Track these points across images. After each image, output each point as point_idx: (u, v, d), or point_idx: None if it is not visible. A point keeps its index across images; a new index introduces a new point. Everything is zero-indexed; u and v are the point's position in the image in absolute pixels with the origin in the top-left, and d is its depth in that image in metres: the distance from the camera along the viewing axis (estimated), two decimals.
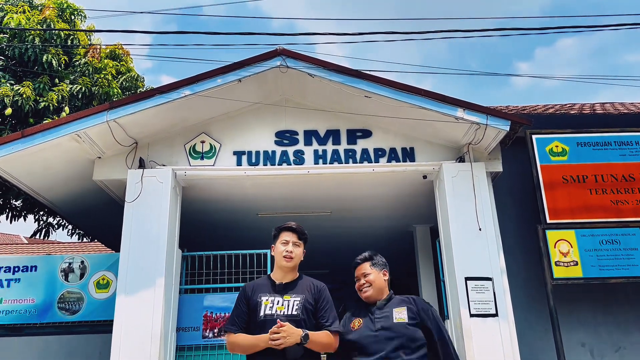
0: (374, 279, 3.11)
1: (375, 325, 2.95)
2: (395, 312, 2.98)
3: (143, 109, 5.53)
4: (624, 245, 5.72)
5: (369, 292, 3.09)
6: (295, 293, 2.99)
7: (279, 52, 5.64)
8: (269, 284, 3.05)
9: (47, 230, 10.68)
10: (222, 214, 7.53)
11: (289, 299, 2.95)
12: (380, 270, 3.17)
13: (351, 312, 3.16)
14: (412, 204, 7.27)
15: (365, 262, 3.20)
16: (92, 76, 9.68)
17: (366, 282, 3.11)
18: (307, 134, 6.21)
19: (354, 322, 3.05)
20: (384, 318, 2.97)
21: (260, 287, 3.04)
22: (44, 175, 6.06)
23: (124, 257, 5.43)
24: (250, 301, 2.98)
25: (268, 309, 2.92)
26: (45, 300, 6.46)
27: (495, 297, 5.34)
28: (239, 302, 3.02)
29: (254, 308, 2.95)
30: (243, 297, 3.03)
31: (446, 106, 5.57)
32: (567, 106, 8.23)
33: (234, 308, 3.04)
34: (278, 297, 2.96)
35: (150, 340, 5.12)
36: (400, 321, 2.92)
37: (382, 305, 3.05)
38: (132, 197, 5.66)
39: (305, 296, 2.99)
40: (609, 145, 6.15)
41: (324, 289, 3.11)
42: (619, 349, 6.10)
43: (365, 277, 3.13)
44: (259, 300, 2.95)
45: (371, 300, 3.09)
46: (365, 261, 3.21)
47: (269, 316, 2.90)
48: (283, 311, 2.91)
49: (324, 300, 3.03)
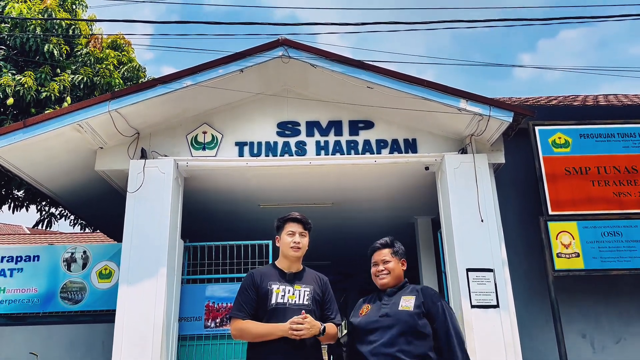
0: (394, 267, 3.00)
1: (381, 311, 2.88)
2: (403, 299, 2.89)
3: (145, 99, 5.52)
4: (626, 237, 5.72)
5: (386, 279, 2.98)
6: (305, 283, 3.00)
7: (281, 42, 5.62)
8: (277, 273, 3.03)
9: (49, 221, 10.69)
10: (224, 204, 7.54)
11: (299, 288, 2.95)
12: (400, 260, 3.06)
13: (364, 299, 3.08)
14: (414, 195, 7.27)
15: (387, 248, 3.06)
16: (93, 66, 9.65)
17: (385, 270, 2.99)
18: (309, 125, 6.19)
19: (362, 309, 3.00)
20: (390, 305, 2.89)
21: (269, 275, 3.01)
22: (46, 165, 6.07)
23: (126, 247, 5.45)
24: (260, 288, 2.94)
25: (280, 297, 2.90)
26: (48, 290, 6.49)
27: (497, 288, 5.35)
28: (247, 289, 2.97)
29: (264, 295, 2.91)
30: (251, 284, 2.97)
31: (449, 97, 5.55)
32: (570, 98, 8.19)
33: (241, 294, 2.98)
34: (289, 286, 2.95)
35: (152, 329, 5.15)
36: (405, 309, 2.82)
37: (392, 292, 2.96)
38: (134, 187, 5.66)
39: (314, 287, 3.00)
40: (612, 137, 6.13)
41: (328, 282, 3.13)
42: (620, 340, 6.12)
43: (385, 264, 3.00)
44: (270, 288, 2.92)
45: (386, 287, 2.99)
46: (386, 247, 3.07)
47: (280, 304, 2.88)
48: (295, 300, 2.91)
49: (329, 292, 3.06)
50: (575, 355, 5.90)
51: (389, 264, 3.00)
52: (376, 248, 3.09)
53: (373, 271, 3.06)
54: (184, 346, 5.68)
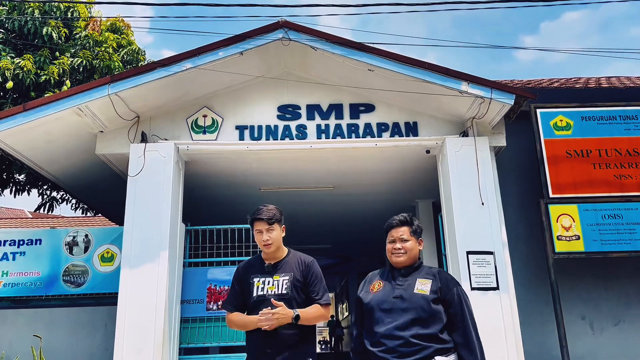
0: (412, 247, 2.87)
1: (395, 292, 2.78)
2: (418, 282, 2.78)
3: (144, 82, 5.49)
4: (627, 220, 5.72)
5: (402, 258, 2.85)
6: (284, 272, 3.07)
7: (281, 24, 5.57)
8: (260, 264, 3.14)
9: (51, 205, 10.72)
10: (225, 188, 7.54)
11: (278, 278, 3.05)
12: (418, 239, 2.93)
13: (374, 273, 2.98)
14: (414, 178, 7.26)
15: (405, 226, 2.91)
16: (92, 49, 9.58)
17: (402, 248, 2.85)
18: (309, 109, 6.17)
19: (373, 284, 2.89)
20: (405, 286, 2.78)
21: (252, 267, 3.15)
22: (46, 149, 6.07)
23: (128, 231, 5.47)
24: (243, 282, 3.10)
25: (260, 290, 3.04)
26: (51, 273, 6.53)
27: (497, 270, 5.38)
28: (234, 283, 3.18)
29: (247, 289, 3.07)
30: (237, 278, 3.16)
31: (450, 79, 5.52)
32: (573, 80, 8.13)
33: (230, 288, 3.21)
34: (268, 278, 3.06)
35: (154, 311, 5.20)
36: (421, 293, 2.73)
37: (407, 273, 2.84)
38: (134, 171, 5.66)
39: (293, 274, 3.06)
40: (613, 120, 6.11)
41: (311, 264, 3.12)
42: (619, 322, 6.17)
43: (402, 243, 2.86)
44: (251, 282, 3.07)
45: (400, 266, 2.87)
46: (405, 224, 2.92)
47: (261, 297, 3.01)
48: (274, 291, 3.01)
49: (313, 274, 3.07)
50: (574, 337, 5.95)
51: (407, 243, 2.87)
52: (394, 224, 2.94)
53: (389, 248, 2.91)
54: (186, 328, 5.74)
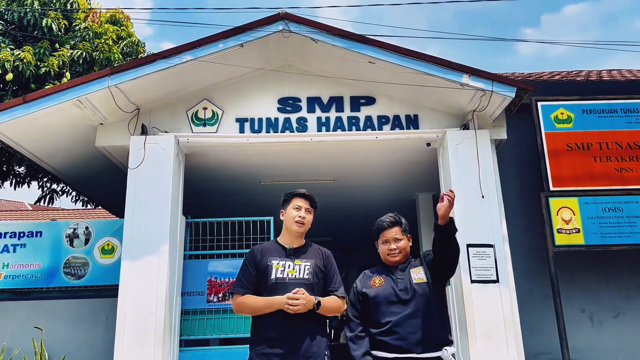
0: (405, 245, 3.10)
1: (398, 285, 2.98)
2: (412, 272, 3.01)
3: (144, 74, 5.48)
4: (627, 213, 5.73)
5: (398, 257, 3.06)
6: (306, 258, 3.03)
7: (281, 16, 5.54)
8: (278, 248, 3.08)
9: (51, 197, 10.72)
10: (225, 181, 7.54)
11: (299, 263, 3.00)
12: (408, 236, 3.16)
13: (371, 271, 3.14)
14: (415, 171, 7.26)
15: (397, 226, 3.12)
16: (92, 41, 9.55)
17: (397, 248, 3.07)
18: (310, 101, 6.16)
19: (373, 280, 3.06)
20: (405, 280, 2.99)
21: (270, 250, 3.07)
22: (46, 141, 6.06)
23: (128, 223, 5.47)
24: (260, 264, 3.01)
25: (279, 272, 2.96)
26: (51, 265, 6.54)
27: (497, 263, 5.38)
28: (247, 266, 3.04)
29: (264, 271, 2.98)
30: (252, 260, 3.05)
31: (451, 72, 5.50)
32: (574, 73, 8.11)
33: (242, 271, 3.06)
34: (289, 262, 3.00)
35: (155, 304, 5.21)
36: (420, 281, 2.97)
37: (403, 267, 3.06)
38: (135, 163, 5.66)
39: (315, 261, 3.03)
40: (614, 113, 6.10)
41: (330, 256, 3.16)
42: (618, 315, 6.19)
43: (397, 243, 3.07)
44: (270, 264, 2.98)
45: (397, 265, 3.08)
46: (395, 225, 3.13)
47: (280, 279, 2.94)
48: (295, 275, 2.96)
49: (331, 266, 3.10)
50: (574, 329, 5.97)
51: (400, 242, 3.08)
52: (385, 226, 3.13)
53: (383, 249, 3.11)
54: (187, 320, 5.75)
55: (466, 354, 5.21)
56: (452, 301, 5.63)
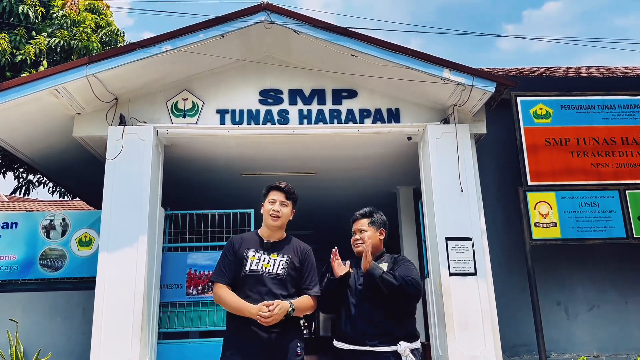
0: (370, 236, 3.15)
1: (359, 279, 3.06)
2: None
3: (123, 63, 5.39)
4: (602, 208, 5.83)
5: (360, 248, 3.11)
6: (282, 253, 3.02)
7: (263, 6, 5.50)
8: (257, 240, 3.07)
9: (27, 188, 10.52)
10: (206, 173, 7.48)
11: (275, 257, 2.99)
12: (378, 229, 3.21)
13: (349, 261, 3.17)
14: (396, 165, 7.29)
15: (364, 219, 3.22)
16: (70, 29, 9.36)
17: (360, 239, 3.15)
18: (291, 93, 6.13)
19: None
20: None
21: (248, 241, 3.07)
22: (22, 131, 5.94)
23: (106, 215, 5.40)
24: (237, 254, 3.01)
25: (254, 264, 2.95)
26: (27, 257, 6.43)
27: (475, 256, 5.44)
28: (227, 253, 3.05)
29: (239, 261, 2.98)
30: (231, 248, 3.05)
31: (432, 66, 5.52)
32: (553, 69, 8.20)
33: (222, 259, 3.06)
34: (265, 255, 2.99)
35: (133, 296, 5.16)
36: None
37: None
38: (113, 154, 5.58)
39: (291, 257, 3.02)
40: (592, 109, 6.19)
41: (309, 252, 3.14)
42: (593, 308, 6.31)
43: (361, 234, 3.17)
44: (246, 255, 2.98)
45: (359, 255, 3.13)
46: (364, 217, 3.23)
47: (254, 272, 2.93)
48: (268, 269, 2.94)
49: (308, 263, 3.07)
50: (550, 321, 6.08)
51: (365, 233, 3.17)
52: (356, 218, 3.27)
53: (352, 240, 3.24)
54: (166, 313, 5.71)
55: (444, 345, 5.27)
56: (431, 293, 5.69)
